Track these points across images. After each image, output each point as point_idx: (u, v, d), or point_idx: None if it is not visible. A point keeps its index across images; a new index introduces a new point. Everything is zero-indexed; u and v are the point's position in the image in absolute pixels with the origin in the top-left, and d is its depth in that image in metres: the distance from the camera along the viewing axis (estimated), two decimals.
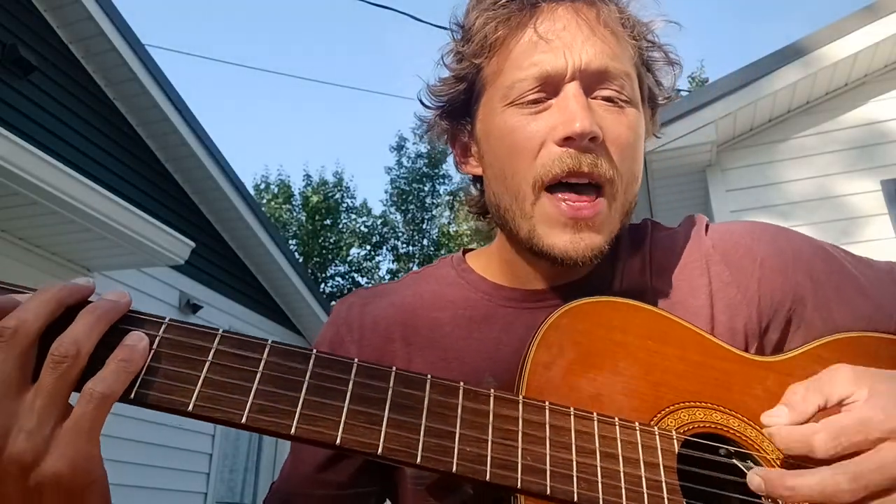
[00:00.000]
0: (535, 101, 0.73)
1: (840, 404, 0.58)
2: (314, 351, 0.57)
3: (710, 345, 0.70)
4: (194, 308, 6.66)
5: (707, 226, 0.85)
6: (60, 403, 0.50)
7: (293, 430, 0.52)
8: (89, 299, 0.55)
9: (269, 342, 0.56)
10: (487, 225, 0.88)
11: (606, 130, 0.72)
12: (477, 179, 0.88)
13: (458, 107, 0.83)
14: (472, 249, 0.93)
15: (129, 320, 0.54)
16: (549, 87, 0.73)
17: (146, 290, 6.11)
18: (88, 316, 0.52)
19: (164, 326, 0.55)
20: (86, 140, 5.80)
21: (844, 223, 4.59)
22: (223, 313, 7.25)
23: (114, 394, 0.50)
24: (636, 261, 0.83)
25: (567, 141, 0.71)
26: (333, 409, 0.54)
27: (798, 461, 0.60)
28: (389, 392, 0.56)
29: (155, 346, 0.53)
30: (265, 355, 0.55)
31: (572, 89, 0.72)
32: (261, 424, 0.52)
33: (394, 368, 0.58)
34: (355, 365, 0.57)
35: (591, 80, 0.73)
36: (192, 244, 5.32)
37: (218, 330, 0.56)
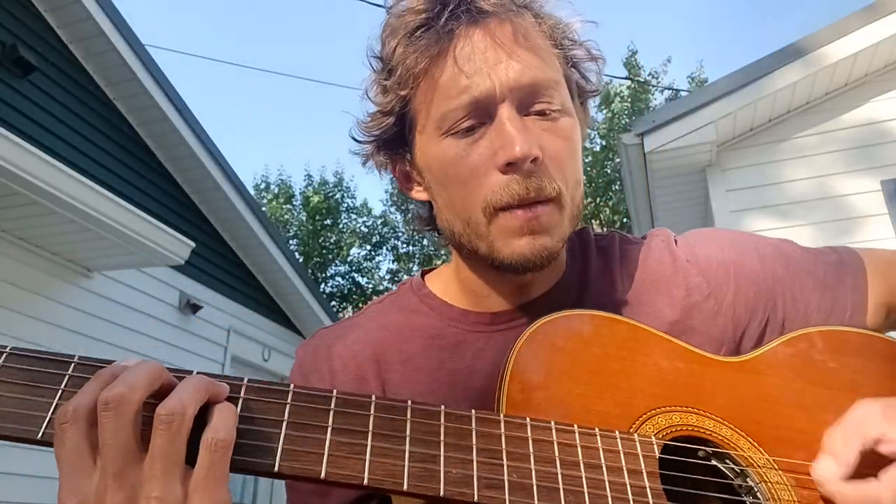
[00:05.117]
0: (471, 129, 0.73)
1: (876, 442, 0.62)
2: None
3: (680, 350, 0.72)
4: (194, 308, 6.65)
5: (676, 240, 0.87)
6: (179, 463, 0.50)
7: (276, 468, 0.53)
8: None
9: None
10: (441, 241, 0.87)
11: (545, 148, 0.72)
12: (425, 202, 0.87)
13: (392, 138, 0.81)
14: (430, 270, 0.92)
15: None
16: (482, 111, 0.72)
17: (146, 290, 6.11)
18: (187, 382, 0.53)
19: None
20: (86, 140, 5.80)
21: (844, 223, 4.59)
22: (223, 313, 7.24)
23: (232, 440, 0.51)
24: (605, 273, 0.84)
25: (510, 167, 0.71)
26: (316, 442, 0.54)
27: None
28: (370, 420, 0.56)
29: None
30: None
31: (506, 112, 0.71)
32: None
33: (373, 397, 0.58)
34: (334, 398, 0.57)
35: (522, 97, 0.72)
36: (192, 244, 5.32)
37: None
